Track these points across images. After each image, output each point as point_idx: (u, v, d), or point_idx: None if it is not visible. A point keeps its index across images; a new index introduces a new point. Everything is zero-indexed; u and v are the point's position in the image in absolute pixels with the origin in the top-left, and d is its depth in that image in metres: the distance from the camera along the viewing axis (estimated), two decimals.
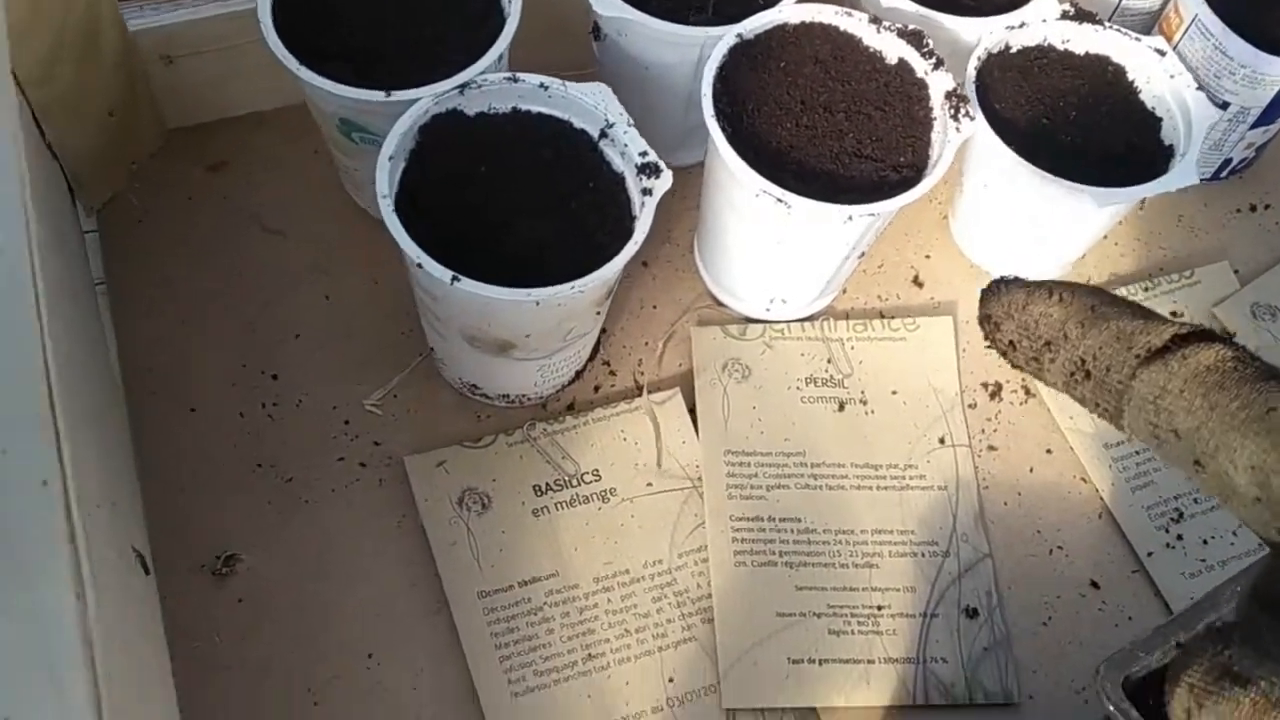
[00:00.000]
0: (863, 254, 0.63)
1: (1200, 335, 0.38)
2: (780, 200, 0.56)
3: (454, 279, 0.51)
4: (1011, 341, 0.42)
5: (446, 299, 0.54)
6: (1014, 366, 0.43)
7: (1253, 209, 0.75)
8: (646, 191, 0.55)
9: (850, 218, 0.57)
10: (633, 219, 0.56)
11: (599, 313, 0.60)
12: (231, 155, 0.68)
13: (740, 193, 0.58)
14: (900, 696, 0.59)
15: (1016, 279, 0.43)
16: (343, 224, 0.67)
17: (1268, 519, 0.35)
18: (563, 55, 0.64)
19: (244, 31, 0.62)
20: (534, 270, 0.53)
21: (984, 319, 0.44)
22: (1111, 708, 0.48)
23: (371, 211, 0.67)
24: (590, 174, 0.57)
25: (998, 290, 0.43)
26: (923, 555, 0.62)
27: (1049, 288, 0.41)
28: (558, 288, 0.52)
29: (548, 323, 0.55)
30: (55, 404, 0.33)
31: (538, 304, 0.52)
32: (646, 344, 0.66)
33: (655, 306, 0.68)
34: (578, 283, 0.52)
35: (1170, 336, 0.38)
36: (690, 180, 0.66)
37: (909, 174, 0.59)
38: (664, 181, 0.55)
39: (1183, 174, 0.62)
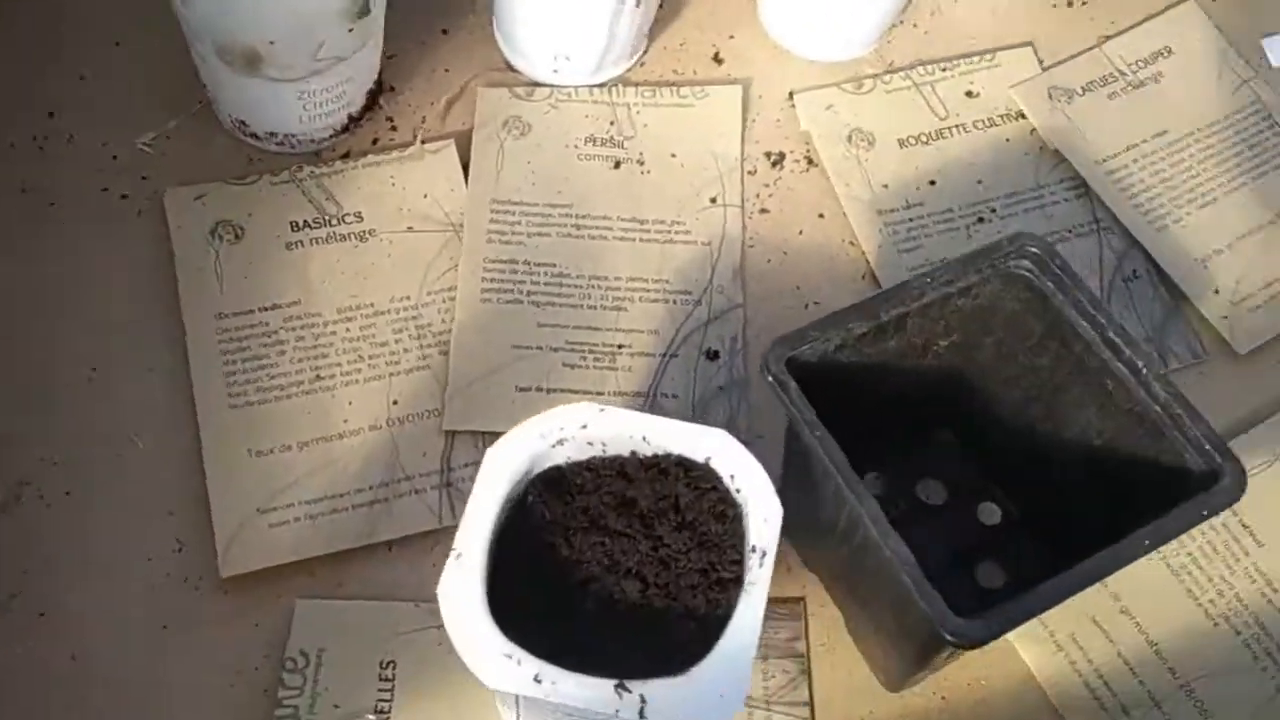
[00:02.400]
0: (638, 4, 0.63)
1: None
2: None
3: None
4: None
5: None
6: None
7: (1069, 4, 0.73)
8: None
9: None
10: None
11: (351, 30, 0.59)
12: None
13: None
14: None
15: None
16: None
17: None
18: None
19: None
20: None
21: None
22: (770, 379, 0.47)
23: None
24: None
25: None
26: (674, 302, 0.62)
27: None
28: None
29: (290, 27, 0.56)
30: None
31: None
32: (433, 104, 0.67)
33: (448, 70, 0.68)
34: None
35: None
36: None
37: None
38: None
39: None
